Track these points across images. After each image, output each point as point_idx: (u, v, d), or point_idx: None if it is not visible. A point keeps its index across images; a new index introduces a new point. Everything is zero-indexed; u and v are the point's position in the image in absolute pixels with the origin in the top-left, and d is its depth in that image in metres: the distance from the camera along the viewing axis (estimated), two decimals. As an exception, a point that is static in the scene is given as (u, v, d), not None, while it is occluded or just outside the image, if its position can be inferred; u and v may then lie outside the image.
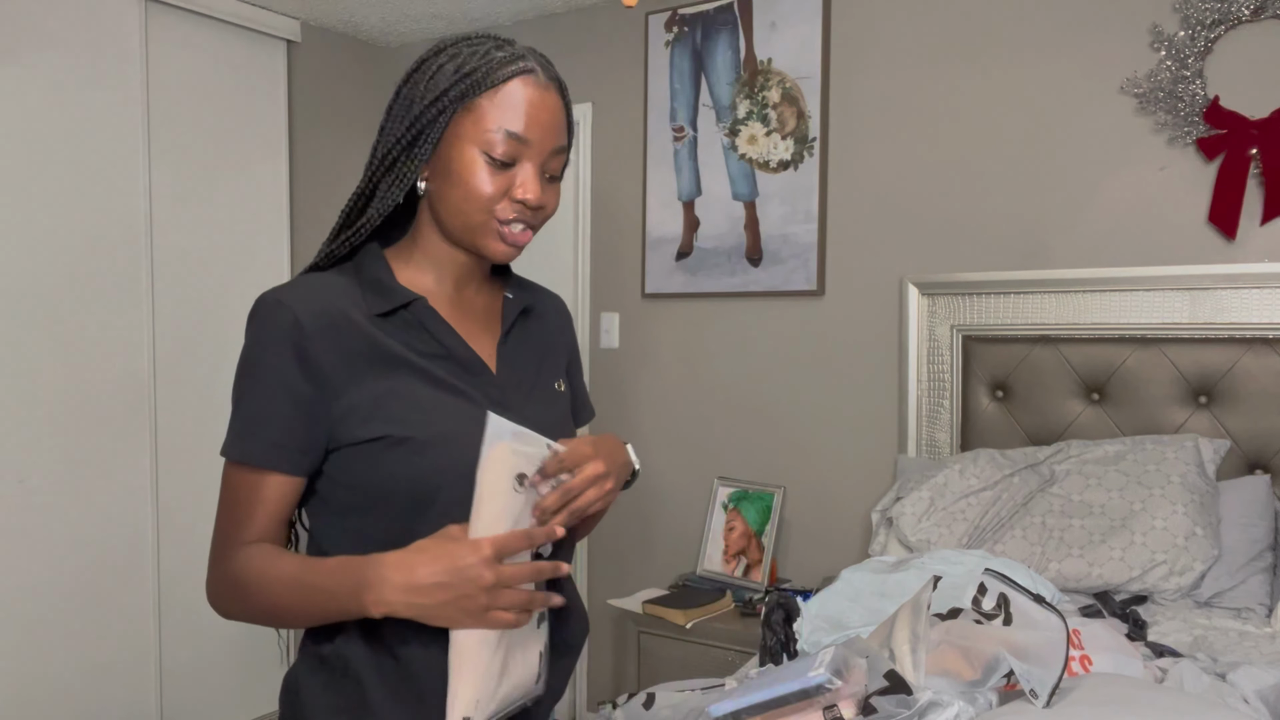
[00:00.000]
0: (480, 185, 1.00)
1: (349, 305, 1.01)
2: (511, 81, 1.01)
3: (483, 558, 0.88)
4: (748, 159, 2.94)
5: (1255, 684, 1.36)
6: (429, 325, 1.04)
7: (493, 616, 0.90)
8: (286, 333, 0.98)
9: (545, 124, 1.02)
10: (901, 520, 2.31)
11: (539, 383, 1.13)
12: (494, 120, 1.00)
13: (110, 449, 2.86)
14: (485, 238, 1.03)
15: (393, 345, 1.01)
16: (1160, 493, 2.07)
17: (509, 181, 1.01)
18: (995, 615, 1.13)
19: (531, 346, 1.15)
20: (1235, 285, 2.26)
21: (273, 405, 0.98)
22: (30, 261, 2.68)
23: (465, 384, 1.04)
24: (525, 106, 1.00)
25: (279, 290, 1.01)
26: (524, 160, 1.01)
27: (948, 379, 2.62)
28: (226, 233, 3.18)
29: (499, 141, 1.00)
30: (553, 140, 1.03)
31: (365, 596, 0.91)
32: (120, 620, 2.90)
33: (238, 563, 1.00)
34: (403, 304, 1.03)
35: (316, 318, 0.99)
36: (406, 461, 0.98)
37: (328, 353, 0.98)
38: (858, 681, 1.07)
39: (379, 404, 0.99)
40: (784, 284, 2.89)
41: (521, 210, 1.02)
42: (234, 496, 1.02)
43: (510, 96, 1.00)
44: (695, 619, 2.58)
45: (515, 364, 1.11)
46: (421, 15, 3.36)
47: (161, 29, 2.98)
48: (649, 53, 3.12)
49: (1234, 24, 2.27)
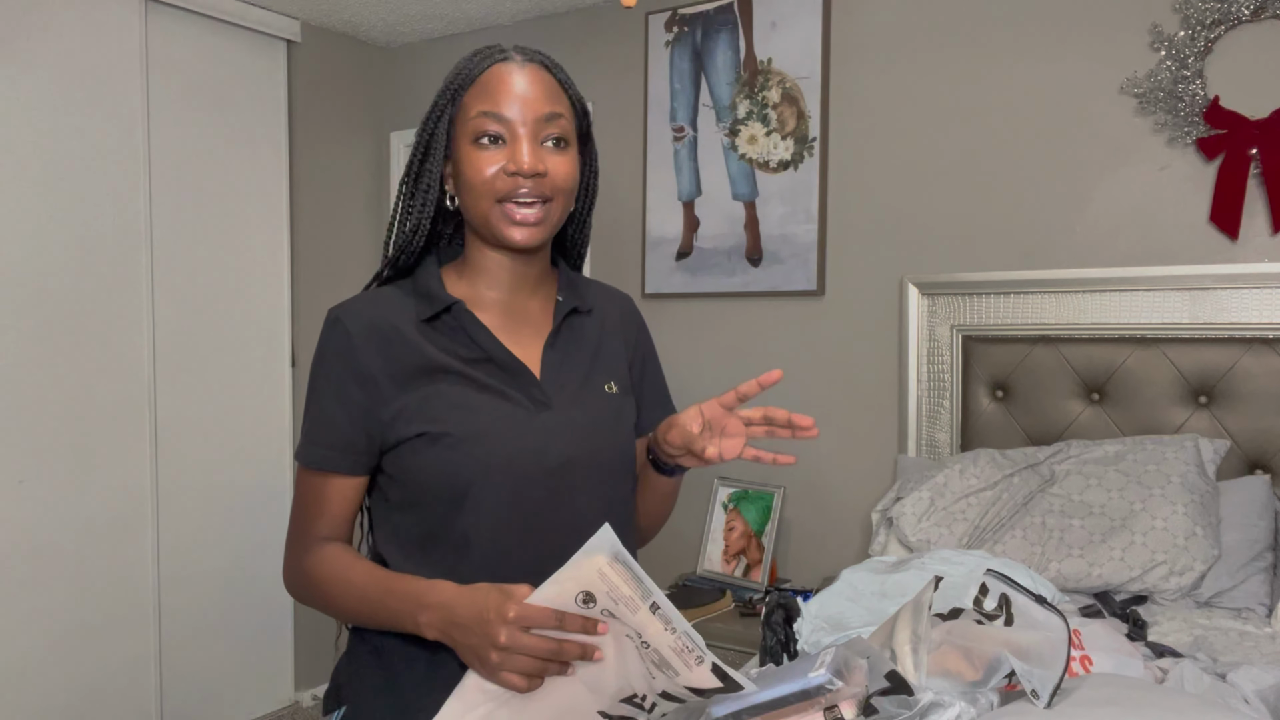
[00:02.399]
0: (475, 171, 1.05)
1: (400, 316, 1.09)
2: (487, 71, 1.06)
3: (503, 616, 0.89)
4: (748, 159, 2.94)
5: (1255, 684, 1.36)
6: (469, 329, 1.09)
7: (501, 676, 0.90)
8: (340, 346, 1.07)
9: (525, 94, 1.04)
10: (901, 520, 2.31)
11: (587, 384, 1.14)
12: (474, 107, 1.05)
13: (110, 449, 2.86)
14: (498, 225, 1.06)
15: (436, 352, 1.07)
16: (1160, 493, 2.07)
17: (503, 159, 1.04)
18: (997, 616, 1.13)
19: (583, 348, 1.16)
20: (1235, 285, 2.26)
21: (330, 413, 1.07)
22: (30, 261, 2.68)
23: (506, 385, 1.08)
24: (499, 85, 1.05)
25: (340, 306, 1.10)
26: (513, 134, 1.04)
27: (948, 379, 2.62)
28: (226, 233, 3.18)
29: (481, 124, 1.04)
30: (539, 107, 1.05)
31: (420, 618, 0.97)
32: (121, 621, 2.90)
33: (310, 560, 1.08)
34: (444, 308, 1.08)
35: (367, 330, 1.07)
36: (441, 456, 1.03)
37: (377, 362, 1.06)
38: (858, 682, 1.07)
39: (423, 405, 1.05)
40: (784, 284, 2.89)
41: (517, 181, 1.04)
42: (303, 497, 1.11)
43: (485, 83, 1.05)
44: (695, 619, 2.58)
45: (562, 366, 1.12)
46: (421, 15, 3.36)
47: (161, 29, 2.97)
48: (649, 53, 3.12)
49: (1234, 24, 2.27)
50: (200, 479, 3.11)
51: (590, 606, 0.88)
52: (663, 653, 0.89)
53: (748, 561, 2.83)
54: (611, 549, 0.86)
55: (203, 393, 3.10)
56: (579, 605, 0.88)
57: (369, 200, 3.70)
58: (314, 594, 1.08)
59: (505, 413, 1.06)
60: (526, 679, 0.90)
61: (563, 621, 0.88)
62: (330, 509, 1.09)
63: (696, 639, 0.89)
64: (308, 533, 1.10)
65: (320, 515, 1.09)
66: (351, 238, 3.64)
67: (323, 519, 1.09)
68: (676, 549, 3.11)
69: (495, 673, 0.90)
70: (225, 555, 3.19)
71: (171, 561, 3.03)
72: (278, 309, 3.35)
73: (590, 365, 1.16)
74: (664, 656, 0.90)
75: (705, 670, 0.90)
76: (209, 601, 3.15)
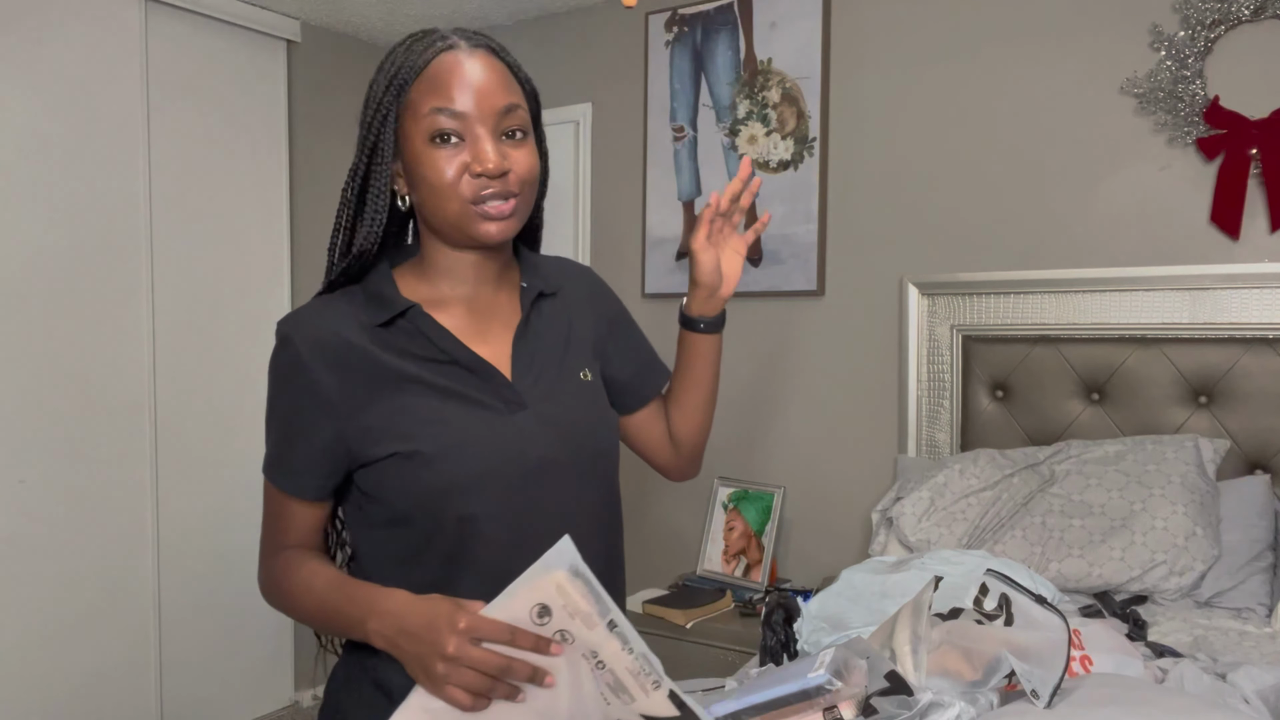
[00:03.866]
0: (437, 174, 0.98)
1: (351, 327, 1.02)
2: (432, 62, 0.99)
3: (454, 626, 0.84)
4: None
5: (1255, 684, 1.36)
6: (428, 332, 1.03)
7: (446, 689, 0.85)
8: (293, 369, 1.01)
9: (478, 86, 0.98)
10: (901, 520, 2.31)
11: (562, 374, 1.09)
12: (426, 104, 0.98)
13: (110, 449, 2.86)
14: (469, 224, 1.00)
15: (395, 361, 1.01)
16: (1160, 493, 2.07)
17: (465, 158, 0.98)
18: (997, 616, 1.13)
19: (553, 334, 1.11)
20: (1235, 285, 2.26)
21: (290, 437, 1.03)
22: (30, 261, 2.68)
23: (475, 389, 1.02)
24: (450, 78, 0.98)
25: (288, 320, 1.03)
26: (471, 131, 0.98)
27: (948, 379, 2.62)
28: (226, 233, 3.18)
29: (436, 122, 0.97)
30: (496, 100, 0.99)
31: (369, 624, 0.93)
32: (120, 621, 2.90)
33: (279, 566, 1.06)
34: (399, 312, 1.02)
35: (319, 347, 1.00)
36: (415, 477, 0.98)
37: (332, 381, 1.00)
38: (858, 682, 1.07)
39: (390, 422, 1.00)
40: (784, 284, 2.89)
41: (484, 182, 0.98)
42: (270, 511, 1.09)
43: (434, 76, 0.98)
44: (695, 619, 2.58)
45: (535, 358, 1.07)
46: (421, 15, 3.36)
47: (161, 29, 2.97)
48: (649, 53, 3.12)
49: (1234, 24, 2.27)
50: (200, 478, 3.11)
51: (545, 621, 0.84)
52: (618, 674, 0.86)
53: (748, 561, 2.83)
54: (570, 563, 0.82)
55: (203, 392, 3.10)
56: (534, 619, 0.84)
57: (369, 200, 3.70)
58: (281, 600, 1.06)
59: (477, 420, 1.00)
60: (472, 696, 0.85)
61: (514, 638, 0.83)
62: (295, 526, 1.07)
63: (654, 663, 0.86)
64: (276, 543, 1.08)
65: (286, 531, 1.08)
66: (351, 238, 3.63)
67: (289, 534, 1.08)
68: (676, 549, 3.11)
69: (441, 685, 0.85)
70: (225, 555, 3.19)
71: (171, 561, 3.03)
72: (278, 309, 3.35)
73: (564, 352, 1.11)
74: (619, 679, 0.86)
75: (662, 696, 0.86)
76: (209, 601, 3.15)
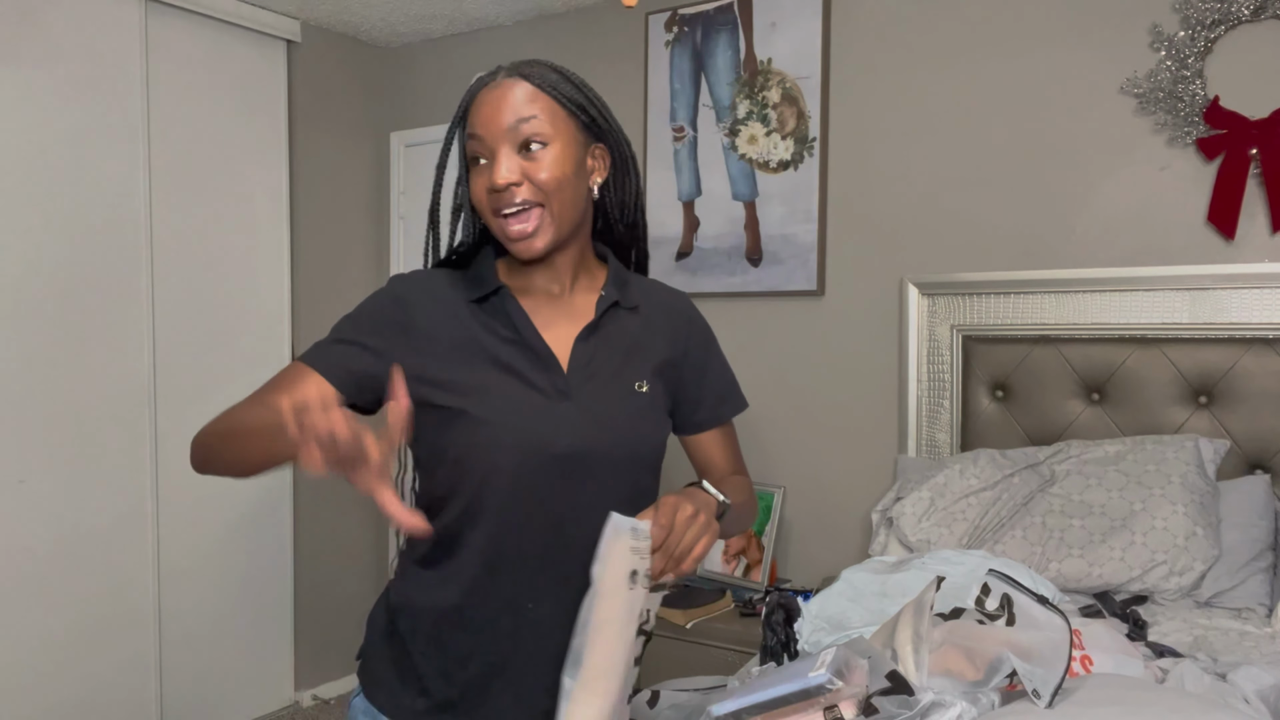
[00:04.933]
0: (474, 194, 1.13)
1: (453, 294, 1.16)
2: (476, 95, 1.13)
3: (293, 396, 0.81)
4: (748, 159, 2.94)
5: (1255, 684, 1.36)
6: (510, 311, 1.14)
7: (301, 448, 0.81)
8: (393, 295, 1.14)
9: (495, 109, 1.10)
10: (902, 520, 2.31)
11: (617, 379, 1.17)
12: (469, 133, 1.13)
13: (110, 449, 2.86)
14: (502, 239, 1.13)
15: (478, 330, 1.13)
16: (1160, 493, 2.08)
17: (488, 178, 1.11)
18: (999, 615, 1.13)
19: (619, 342, 1.19)
20: (1235, 285, 2.26)
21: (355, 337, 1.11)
22: (30, 262, 2.68)
23: (531, 372, 1.12)
24: (478, 109, 1.12)
25: (400, 275, 1.18)
26: (490, 153, 1.10)
27: (948, 379, 2.62)
28: (226, 233, 3.18)
29: (470, 147, 1.12)
30: (504, 119, 1.09)
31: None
32: (120, 621, 2.90)
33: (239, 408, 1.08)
34: (492, 290, 1.15)
35: (422, 292, 1.15)
36: (458, 432, 1.08)
37: (424, 319, 1.12)
38: (859, 682, 1.07)
39: (452, 379, 1.10)
40: (784, 284, 2.89)
41: (499, 197, 1.10)
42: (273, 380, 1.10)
43: (474, 108, 1.13)
44: (695, 619, 2.58)
45: (593, 359, 1.16)
46: (421, 15, 3.36)
47: (161, 29, 2.97)
48: (649, 53, 3.12)
49: (1234, 24, 2.27)
50: (200, 478, 3.11)
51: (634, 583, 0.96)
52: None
53: (748, 561, 2.83)
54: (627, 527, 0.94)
55: (203, 393, 3.10)
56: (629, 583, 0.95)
57: (369, 200, 3.70)
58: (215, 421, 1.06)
59: (521, 398, 1.10)
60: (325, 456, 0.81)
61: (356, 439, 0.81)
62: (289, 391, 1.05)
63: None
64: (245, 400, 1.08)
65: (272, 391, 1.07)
66: (351, 238, 3.64)
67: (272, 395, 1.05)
68: (676, 549, 3.10)
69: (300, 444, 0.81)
70: (225, 555, 3.19)
71: (171, 561, 3.03)
72: (278, 309, 3.35)
73: (623, 361, 1.18)
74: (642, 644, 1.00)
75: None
76: (209, 602, 3.15)
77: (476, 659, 1.12)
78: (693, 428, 1.28)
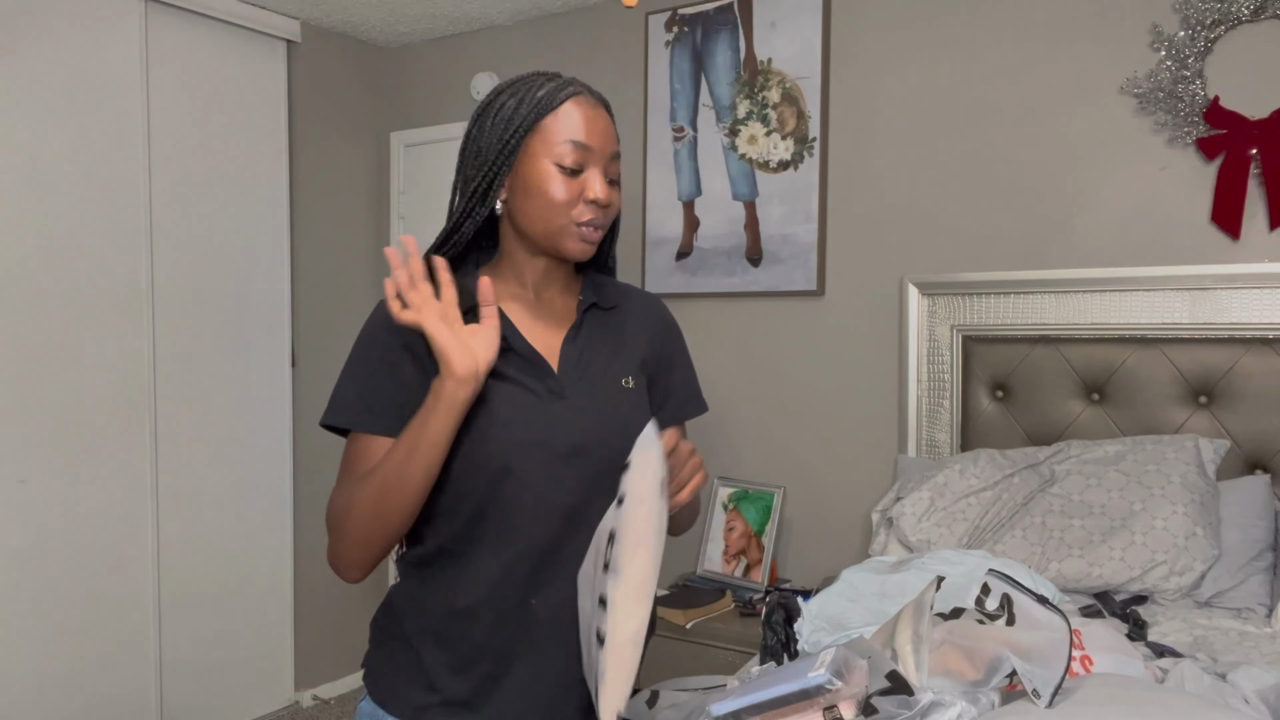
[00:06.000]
0: (557, 193, 1.16)
1: None
2: (567, 103, 1.17)
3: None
4: (748, 159, 2.94)
5: (1255, 684, 1.36)
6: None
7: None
8: (391, 326, 1.16)
9: (601, 133, 1.18)
10: (902, 520, 2.31)
11: (604, 376, 1.23)
12: (560, 135, 1.16)
13: (110, 450, 2.86)
14: (565, 239, 1.18)
15: None
16: (1160, 493, 2.07)
17: (580, 187, 1.16)
18: (999, 615, 1.13)
19: (605, 343, 1.26)
20: (1235, 285, 2.26)
21: (379, 379, 1.16)
22: (30, 261, 2.68)
23: (523, 375, 1.18)
24: (583, 120, 1.17)
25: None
26: (589, 166, 1.17)
27: (948, 379, 2.62)
28: (226, 233, 3.18)
29: (568, 152, 1.15)
30: (610, 146, 1.19)
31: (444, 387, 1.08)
32: (120, 621, 2.90)
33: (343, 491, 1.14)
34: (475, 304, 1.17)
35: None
36: (462, 442, 1.12)
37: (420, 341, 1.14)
38: (858, 682, 1.07)
39: None
40: (784, 284, 2.89)
41: (594, 209, 1.17)
42: (352, 462, 1.17)
43: (569, 114, 1.17)
44: (695, 619, 2.58)
45: (580, 359, 1.22)
46: (421, 15, 3.36)
47: (161, 29, 2.97)
48: (649, 53, 3.12)
49: (1234, 24, 2.27)
50: (200, 478, 3.11)
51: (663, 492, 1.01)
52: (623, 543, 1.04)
53: (748, 561, 2.83)
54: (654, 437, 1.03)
55: (203, 393, 3.10)
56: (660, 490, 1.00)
57: (369, 200, 3.70)
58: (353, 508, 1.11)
59: (521, 402, 1.16)
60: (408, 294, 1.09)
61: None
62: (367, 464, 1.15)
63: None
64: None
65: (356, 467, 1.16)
66: (351, 238, 3.64)
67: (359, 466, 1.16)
68: (677, 549, 3.11)
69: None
70: (225, 555, 3.19)
71: (172, 561, 3.03)
72: (278, 309, 3.35)
73: (609, 359, 1.24)
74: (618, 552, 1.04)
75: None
76: (209, 601, 3.15)
77: (488, 655, 1.16)
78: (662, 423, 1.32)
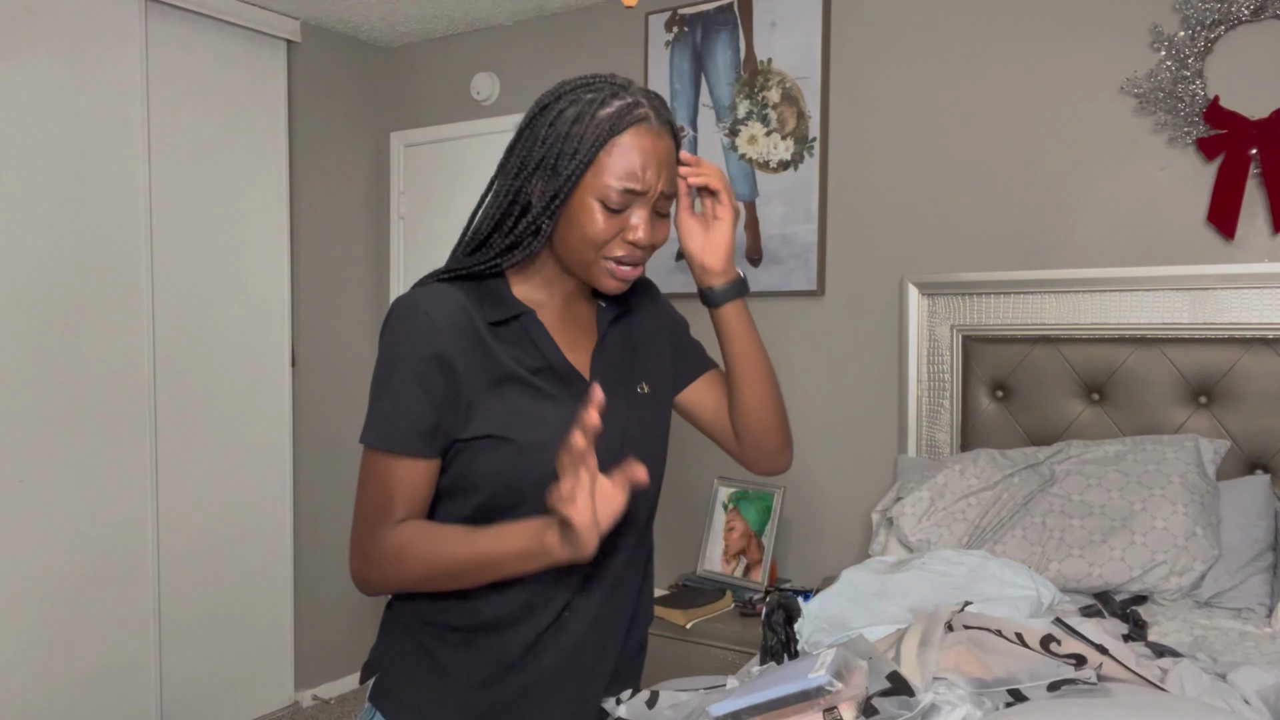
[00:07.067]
0: (596, 231, 1.09)
1: (471, 315, 1.12)
2: (627, 132, 1.08)
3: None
4: (748, 159, 2.94)
5: (1255, 684, 1.36)
6: (535, 337, 1.14)
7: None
8: (424, 333, 1.09)
9: (656, 170, 1.09)
10: (902, 520, 2.31)
11: (627, 387, 1.22)
12: (611, 174, 1.07)
13: (110, 450, 2.86)
14: (597, 274, 1.13)
15: (504, 358, 1.12)
16: (1160, 493, 2.07)
17: (622, 224, 1.10)
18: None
19: (626, 350, 1.24)
20: (1235, 285, 2.26)
21: (411, 396, 1.09)
22: (30, 261, 2.68)
23: (561, 392, 1.14)
24: (639, 156, 1.08)
25: (413, 296, 1.12)
26: (636, 205, 1.10)
27: (948, 379, 2.62)
28: (226, 233, 3.18)
29: (615, 194, 1.08)
30: (662, 184, 1.10)
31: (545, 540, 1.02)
32: (120, 622, 2.90)
33: (394, 536, 1.10)
34: (514, 315, 1.14)
35: (452, 321, 1.10)
36: (505, 461, 1.10)
37: (458, 353, 1.09)
38: (858, 683, 1.07)
39: (491, 409, 1.11)
40: (784, 284, 2.89)
41: (631, 250, 1.11)
42: (380, 483, 1.11)
43: (626, 149, 1.08)
44: (695, 619, 2.58)
45: (609, 371, 1.20)
46: (421, 15, 3.36)
47: (161, 29, 2.97)
48: (649, 53, 3.12)
49: (1234, 24, 2.27)
50: (200, 478, 3.11)
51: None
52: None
53: (748, 561, 2.83)
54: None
55: (203, 393, 3.10)
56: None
57: (369, 200, 3.70)
58: (401, 568, 1.09)
59: (560, 418, 1.11)
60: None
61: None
62: (411, 492, 1.12)
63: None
64: (387, 516, 1.11)
65: (400, 499, 1.11)
66: (351, 237, 3.64)
67: (402, 502, 1.11)
68: (676, 549, 3.11)
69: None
70: (225, 555, 3.19)
71: (171, 561, 3.03)
72: (278, 309, 3.35)
73: (628, 367, 1.23)
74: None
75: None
76: (209, 602, 3.15)
77: (515, 671, 1.15)
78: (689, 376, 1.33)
